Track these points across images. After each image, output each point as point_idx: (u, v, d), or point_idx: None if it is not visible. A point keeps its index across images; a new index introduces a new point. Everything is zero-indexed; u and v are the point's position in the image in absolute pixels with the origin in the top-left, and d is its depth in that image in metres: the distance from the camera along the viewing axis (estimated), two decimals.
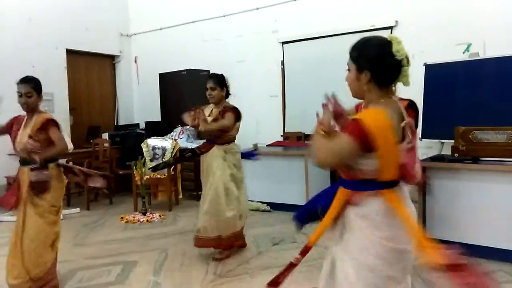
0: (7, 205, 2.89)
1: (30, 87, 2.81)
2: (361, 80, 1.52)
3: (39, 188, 2.78)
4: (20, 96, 2.81)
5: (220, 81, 3.46)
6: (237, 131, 3.55)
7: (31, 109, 2.85)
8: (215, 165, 3.40)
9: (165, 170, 5.34)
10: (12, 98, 2.94)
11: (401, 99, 1.73)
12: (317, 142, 1.51)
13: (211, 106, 3.55)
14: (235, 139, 3.56)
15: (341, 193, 1.57)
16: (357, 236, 1.50)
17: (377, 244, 1.45)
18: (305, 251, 1.71)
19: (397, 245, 1.46)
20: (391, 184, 1.50)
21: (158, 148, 5.50)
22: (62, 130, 2.91)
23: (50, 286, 2.85)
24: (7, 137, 2.93)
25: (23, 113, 2.91)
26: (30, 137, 2.76)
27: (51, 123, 2.81)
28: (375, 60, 1.49)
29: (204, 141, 3.66)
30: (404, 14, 5.21)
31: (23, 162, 2.84)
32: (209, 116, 3.46)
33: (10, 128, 2.92)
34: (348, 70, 1.56)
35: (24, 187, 2.78)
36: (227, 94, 3.56)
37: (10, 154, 5.65)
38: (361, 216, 1.50)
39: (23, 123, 2.88)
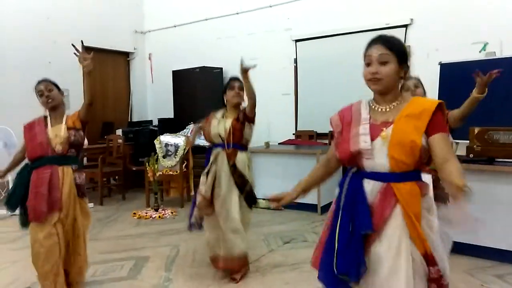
0: (39, 216, 2.54)
1: (49, 83, 2.77)
2: (399, 75, 1.50)
3: (82, 190, 2.72)
4: (41, 95, 2.69)
5: None
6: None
7: (57, 102, 2.73)
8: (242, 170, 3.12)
9: (178, 166, 5.38)
10: (30, 95, 2.97)
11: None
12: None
13: (222, 110, 3.33)
14: None
15: (410, 187, 1.44)
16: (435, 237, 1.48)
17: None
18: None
19: None
20: None
21: (171, 145, 5.55)
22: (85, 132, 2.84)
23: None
24: (19, 133, 2.84)
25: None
26: (72, 129, 2.69)
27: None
28: (408, 58, 1.52)
29: (221, 147, 3.18)
30: (419, 12, 5.15)
31: (63, 161, 2.65)
32: (222, 117, 3.25)
33: (35, 134, 2.72)
34: (383, 63, 1.47)
35: (67, 188, 2.62)
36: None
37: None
38: (427, 211, 1.49)
39: (48, 122, 2.73)
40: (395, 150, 1.43)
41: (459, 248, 3.41)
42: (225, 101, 3.27)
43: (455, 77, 4.62)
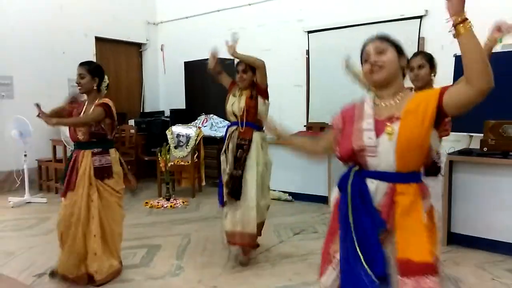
0: (62, 193, 2.89)
1: (84, 69, 2.88)
2: (400, 63, 1.47)
3: (102, 173, 2.84)
4: (77, 78, 2.89)
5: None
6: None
7: (85, 90, 2.89)
8: (254, 155, 3.15)
9: (189, 157, 5.43)
10: (44, 84, 3.03)
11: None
12: None
13: (236, 88, 3.35)
14: None
15: (411, 189, 1.38)
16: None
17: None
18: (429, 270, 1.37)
19: None
20: None
21: (183, 136, 5.59)
22: (114, 117, 2.95)
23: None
24: (41, 124, 2.90)
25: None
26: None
27: (102, 104, 2.86)
28: (404, 52, 1.52)
29: (236, 125, 3.21)
30: (434, 3, 5.06)
31: (83, 145, 2.86)
32: (238, 96, 3.25)
33: (70, 114, 2.95)
34: (381, 52, 1.43)
35: (87, 171, 2.80)
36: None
37: (52, 140, 5.86)
38: (425, 211, 1.41)
39: (84, 107, 2.92)
40: (403, 148, 1.35)
41: (470, 242, 3.40)
42: (237, 82, 3.32)
43: None
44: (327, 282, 1.51)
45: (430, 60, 2.70)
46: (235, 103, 3.21)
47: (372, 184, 1.40)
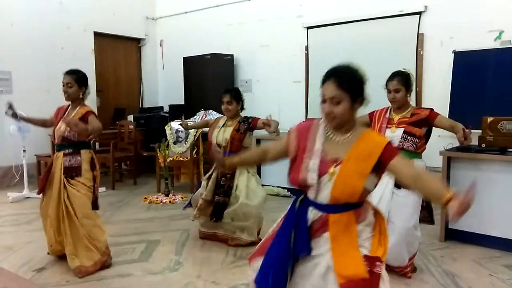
0: (39, 187, 3.12)
1: (72, 79, 3.03)
2: (353, 109, 1.58)
3: (71, 172, 2.99)
4: (63, 86, 3.04)
5: (237, 95, 3.49)
6: None
7: (71, 99, 3.07)
8: (242, 182, 3.40)
9: (188, 153, 5.44)
10: (43, 80, 3.06)
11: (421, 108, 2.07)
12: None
13: (224, 118, 3.59)
14: None
15: (346, 217, 1.56)
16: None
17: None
18: (366, 284, 1.54)
19: None
20: None
21: (181, 131, 5.58)
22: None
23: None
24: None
25: (66, 103, 3.16)
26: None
27: (90, 112, 3.01)
28: (364, 85, 1.59)
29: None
30: None
31: (58, 148, 3.07)
32: (223, 126, 3.49)
33: (55, 121, 3.14)
34: (336, 103, 1.54)
35: (58, 171, 3.00)
36: (242, 108, 3.57)
37: (51, 135, 5.88)
38: (366, 225, 1.60)
39: (66, 112, 3.09)
40: (337, 190, 1.52)
41: (467, 237, 3.42)
42: (223, 109, 3.52)
43: (469, 66, 4.55)
44: (256, 266, 1.72)
45: (406, 83, 2.78)
46: (220, 134, 3.44)
47: (311, 212, 1.60)
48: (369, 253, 1.55)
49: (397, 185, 2.67)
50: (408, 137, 2.74)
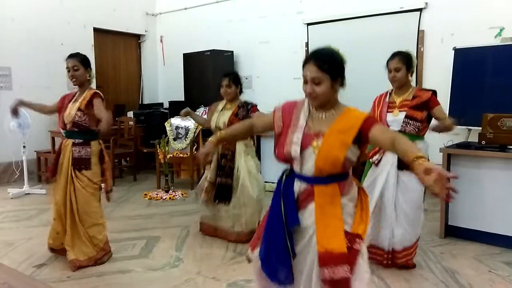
0: (47, 177, 3.13)
1: (77, 61, 2.96)
2: (334, 88, 1.65)
3: (80, 164, 2.95)
4: (68, 71, 2.95)
5: (235, 78, 3.56)
6: None
7: (80, 82, 2.98)
8: (241, 163, 3.47)
9: (188, 149, 5.44)
10: (43, 76, 3.05)
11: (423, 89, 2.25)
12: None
13: (223, 101, 3.62)
14: None
15: (330, 189, 1.62)
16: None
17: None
18: (344, 259, 1.59)
19: None
20: None
21: (181, 128, 5.58)
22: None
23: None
24: (40, 115, 3.06)
25: (72, 92, 3.13)
26: (80, 110, 2.92)
27: (96, 94, 2.95)
28: (343, 67, 1.68)
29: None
30: None
31: (68, 134, 3.00)
32: (222, 110, 3.56)
33: (61, 106, 3.06)
34: (317, 83, 1.62)
35: (66, 160, 2.96)
36: (241, 91, 3.62)
37: (51, 131, 5.88)
38: (349, 200, 1.67)
39: (74, 98, 3.03)
40: (321, 161, 1.59)
41: (467, 234, 3.43)
42: (222, 94, 3.58)
43: (469, 62, 4.55)
44: (257, 252, 1.77)
45: (407, 62, 2.74)
46: (220, 117, 3.50)
47: (297, 184, 1.68)
48: (350, 229, 1.61)
49: (400, 167, 2.70)
50: (410, 121, 2.73)
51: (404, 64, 2.74)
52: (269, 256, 1.67)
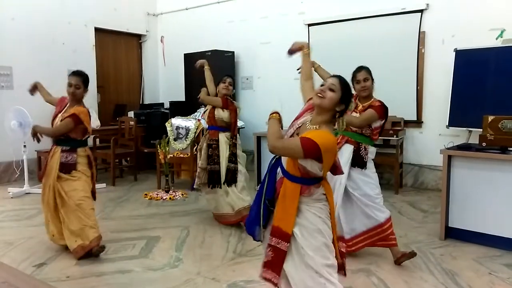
0: (40, 177, 3.25)
1: (80, 80, 3.17)
2: (336, 105, 1.90)
3: (66, 168, 3.15)
4: (70, 86, 3.16)
5: (233, 81, 4.07)
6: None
7: (77, 100, 3.20)
8: (223, 149, 3.92)
9: (189, 149, 5.45)
10: (44, 76, 3.07)
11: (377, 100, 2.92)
12: (272, 129, 1.94)
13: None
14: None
15: (293, 186, 1.90)
16: (309, 216, 1.92)
17: (320, 222, 1.93)
18: (287, 238, 1.92)
19: (328, 223, 1.96)
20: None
21: (182, 128, 5.59)
22: (84, 123, 3.15)
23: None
24: (40, 114, 3.14)
25: (67, 99, 3.30)
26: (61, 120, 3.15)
27: (74, 115, 3.10)
28: (349, 102, 1.95)
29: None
30: None
31: (57, 142, 3.21)
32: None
33: (55, 114, 3.25)
34: (332, 90, 1.89)
35: (55, 165, 3.13)
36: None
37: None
38: (314, 200, 1.93)
39: (65, 108, 3.23)
40: (286, 161, 1.93)
41: (467, 236, 3.42)
42: (217, 91, 4.01)
43: (470, 64, 4.55)
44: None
45: (371, 74, 3.03)
46: (224, 112, 3.94)
47: (279, 170, 2.00)
48: (331, 237, 1.94)
49: (353, 164, 2.99)
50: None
51: (370, 75, 3.02)
52: (250, 214, 2.11)
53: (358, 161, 2.99)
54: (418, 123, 5.28)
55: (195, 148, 5.51)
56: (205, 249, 3.39)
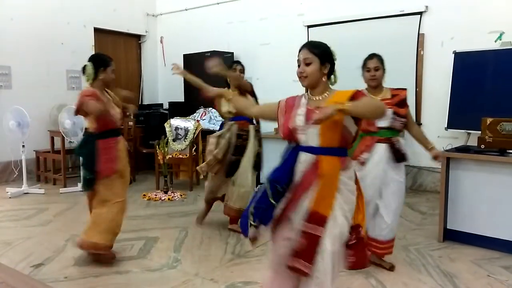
0: (109, 172, 3.00)
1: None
2: (322, 71, 1.87)
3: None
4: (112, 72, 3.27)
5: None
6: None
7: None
8: (251, 143, 3.71)
9: (187, 150, 5.45)
10: (43, 75, 3.03)
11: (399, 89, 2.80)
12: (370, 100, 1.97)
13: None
14: None
15: (332, 161, 1.81)
16: (346, 194, 1.83)
17: (353, 202, 1.88)
18: (323, 222, 1.80)
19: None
20: None
21: (181, 129, 5.58)
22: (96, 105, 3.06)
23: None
24: (39, 114, 3.06)
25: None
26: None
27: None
28: (332, 56, 1.90)
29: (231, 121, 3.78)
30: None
31: (118, 132, 3.23)
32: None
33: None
34: (307, 64, 1.85)
35: (124, 155, 3.14)
36: None
37: (50, 131, 5.86)
38: (348, 178, 1.85)
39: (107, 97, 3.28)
40: (325, 129, 1.78)
41: (466, 238, 3.43)
42: (228, 81, 3.85)
43: (469, 66, 4.56)
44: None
45: (383, 63, 2.89)
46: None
47: (302, 156, 1.85)
48: (348, 220, 1.82)
49: (397, 160, 2.85)
50: (397, 117, 2.84)
51: (382, 64, 2.86)
52: (254, 198, 1.91)
53: (398, 156, 2.82)
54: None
55: (193, 149, 5.51)
56: (203, 250, 3.39)
